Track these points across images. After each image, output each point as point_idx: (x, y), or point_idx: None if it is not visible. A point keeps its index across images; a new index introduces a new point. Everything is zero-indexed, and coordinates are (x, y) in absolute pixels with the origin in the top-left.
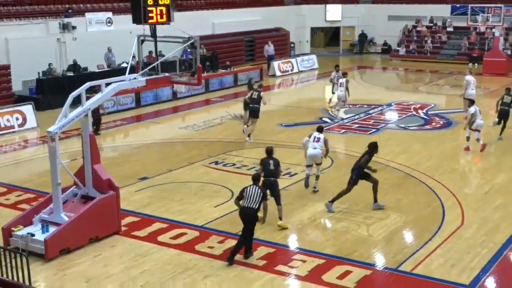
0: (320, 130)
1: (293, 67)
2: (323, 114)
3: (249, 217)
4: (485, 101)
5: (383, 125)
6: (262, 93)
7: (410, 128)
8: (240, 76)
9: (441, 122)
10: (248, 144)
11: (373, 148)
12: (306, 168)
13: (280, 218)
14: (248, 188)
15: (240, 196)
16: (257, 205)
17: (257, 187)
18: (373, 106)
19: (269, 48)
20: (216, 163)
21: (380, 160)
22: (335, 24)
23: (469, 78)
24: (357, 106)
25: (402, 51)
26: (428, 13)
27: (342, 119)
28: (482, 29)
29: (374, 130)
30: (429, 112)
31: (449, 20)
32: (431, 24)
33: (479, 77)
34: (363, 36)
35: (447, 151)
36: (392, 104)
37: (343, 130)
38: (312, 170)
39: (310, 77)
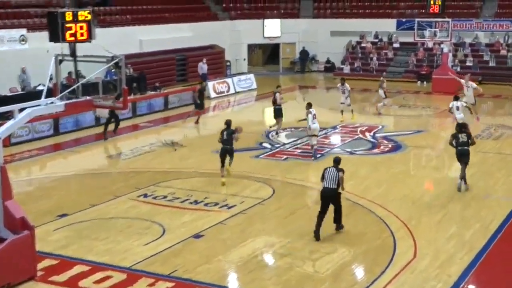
0: (310, 105)
1: (229, 87)
2: (263, 139)
3: (329, 197)
4: (435, 121)
5: (328, 149)
6: (277, 94)
7: (357, 152)
8: (171, 98)
9: (390, 146)
10: (182, 174)
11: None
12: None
13: (229, 165)
14: (328, 169)
15: (322, 177)
16: (336, 185)
17: (334, 169)
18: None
19: (204, 66)
20: (145, 195)
21: None
22: (274, 41)
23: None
24: (300, 129)
25: (346, 69)
26: (373, 28)
27: (284, 144)
28: (430, 44)
29: (318, 155)
30: (376, 135)
31: (395, 35)
32: (376, 40)
33: (428, 96)
34: (304, 53)
35: (397, 176)
36: (337, 126)
37: (285, 156)
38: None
39: (248, 98)
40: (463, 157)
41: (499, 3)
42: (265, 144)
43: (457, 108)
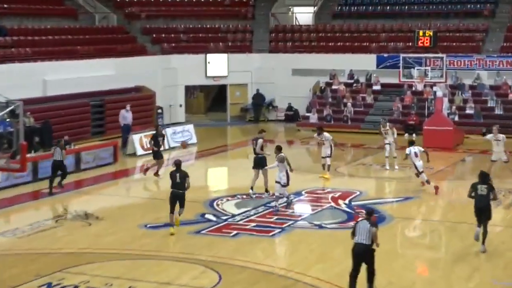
0: (280, 149)
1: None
2: (206, 208)
3: (362, 254)
4: (428, 184)
5: (290, 222)
6: (260, 140)
7: (328, 226)
8: (84, 156)
9: None
10: (107, 255)
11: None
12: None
13: (179, 214)
14: (359, 222)
15: (353, 232)
16: (369, 241)
17: (366, 222)
18: (275, 196)
19: (127, 115)
20: (50, 285)
21: (289, 274)
22: (219, 82)
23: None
24: (254, 196)
25: (313, 117)
26: (347, 66)
27: (233, 215)
28: (420, 87)
29: (278, 229)
30: (353, 203)
31: (375, 75)
32: (351, 81)
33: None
34: (259, 97)
35: (380, 258)
36: (303, 192)
37: (235, 232)
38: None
39: (185, 156)
40: (482, 213)
41: (505, 35)
42: (208, 216)
43: (415, 155)
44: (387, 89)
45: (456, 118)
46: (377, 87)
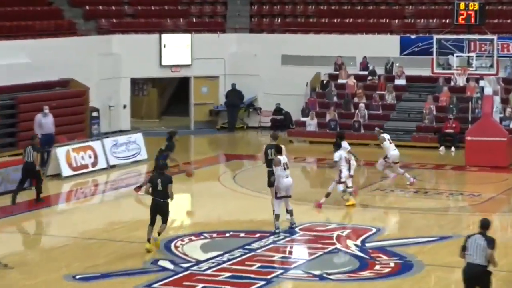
0: (278, 150)
1: (96, 158)
2: (161, 252)
3: (476, 277)
4: (474, 219)
5: (279, 271)
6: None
7: (332, 276)
8: None
9: (392, 264)
10: None
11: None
12: (275, 202)
13: (159, 233)
14: (472, 237)
15: (463, 247)
16: (485, 261)
17: (482, 237)
18: (258, 235)
19: (46, 121)
20: None
21: None
22: (179, 73)
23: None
24: (227, 235)
25: (311, 123)
26: (359, 51)
27: (198, 262)
28: (461, 81)
29: (262, 282)
30: (367, 245)
31: (398, 64)
32: (365, 73)
33: (459, 173)
34: (235, 95)
35: None
36: (296, 228)
37: (200, 285)
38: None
39: (131, 177)
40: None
41: None
42: (163, 263)
43: (390, 142)
44: (415, 84)
45: None
46: (401, 82)
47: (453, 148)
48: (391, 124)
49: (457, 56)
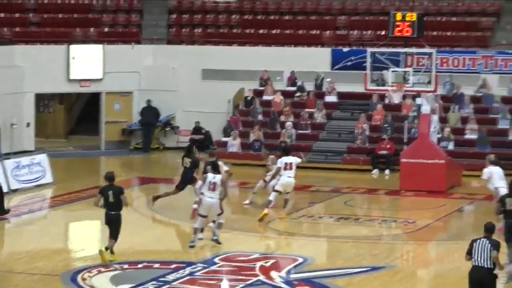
0: (215, 167)
1: None
2: (66, 285)
3: (482, 281)
4: (408, 248)
5: None
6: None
7: None
8: None
9: None
10: None
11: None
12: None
13: (111, 250)
14: (478, 241)
15: (469, 251)
16: (491, 264)
17: (487, 241)
18: (173, 266)
19: None
20: None
21: None
22: (89, 88)
23: None
24: (140, 265)
25: (233, 144)
26: (286, 65)
27: None
28: (396, 98)
29: None
30: (292, 276)
31: (328, 80)
32: (293, 89)
33: (393, 198)
34: (150, 113)
35: None
36: (215, 259)
37: None
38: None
39: (34, 203)
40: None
41: None
42: None
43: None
44: (346, 101)
45: (451, 147)
46: (331, 99)
47: (387, 171)
48: (320, 145)
49: (392, 71)
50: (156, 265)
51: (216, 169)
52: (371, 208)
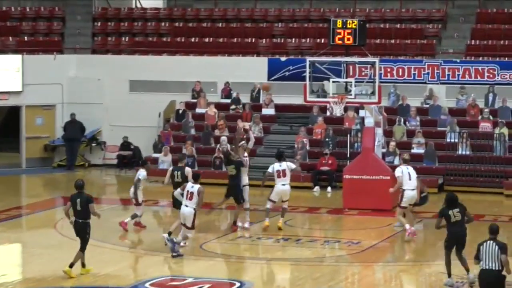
0: (196, 178)
1: None
2: None
3: (492, 283)
4: (352, 270)
5: None
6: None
7: None
8: None
9: None
10: None
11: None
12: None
13: (81, 263)
14: (484, 244)
15: (476, 255)
16: (499, 266)
17: (493, 243)
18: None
19: None
20: None
21: None
22: (7, 101)
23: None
24: None
25: (164, 160)
26: (220, 76)
27: None
28: (338, 110)
29: None
30: None
31: (265, 91)
32: (227, 101)
33: (324, 217)
34: (75, 128)
35: None
36: (146, 284)
37: None
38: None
39: None
40: (460, 243)
41: (473, 28)
42: None
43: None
44: (285, 114)
45: (397, 162)
46: (269, 111)
47: (329, 188)
48: (257, 161)
49: (333, 81)
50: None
51: (196, 180)
52: (312, 228)
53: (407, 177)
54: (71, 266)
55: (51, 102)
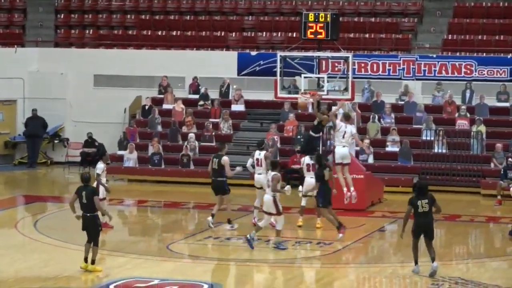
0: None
1: None
2: None
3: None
4: (331, 272)
5: None
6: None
7: None
8: None
9: None
10: None
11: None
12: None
13: (92, 260)
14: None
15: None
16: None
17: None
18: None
19: None
20: None
21: None
22: None
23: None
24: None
25: (130, 158)
26: (188, 70)
27: None
28: (310, 107)
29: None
30: None
31: (235, 87)
32: (195, 96)
33: (307, 216)
34: (36, 124)
35: None
36: (110, 286)
37: None
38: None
39: None
40: (426, 233)
41: (450, 22)
42: None
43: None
44: (255, 110)
45: (371, 160)
46: (239, 107)
47: (300, 187)
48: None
49: (305, 77)
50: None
51: (275, 167)
52: (283, 228)
53: (342, 134)
54: (85, 261)
55: (12, 97)
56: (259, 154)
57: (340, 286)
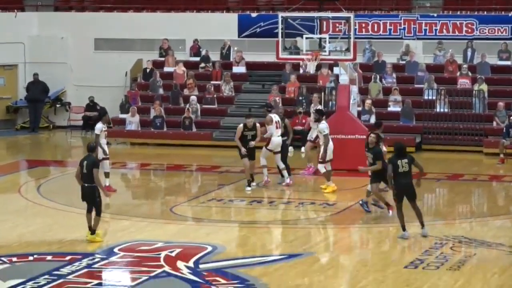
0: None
1: None
2: None
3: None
4: (329, 234)
5: None
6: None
7: None
8: None
9: None
10: None
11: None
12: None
13: (94, 231)
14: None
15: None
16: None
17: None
18: (68, 258)
19: None
20: None
21: None
22: None
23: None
24: (31, 258)
25: (132, 121)
26: (188, 33)
27: None
28: (311, 68)
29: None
30: (201, 266)
31: (236, 49)
32: (196, 59)
33: (310, 177)
34: (38, 88)
35: None
36: (115, 249)
37: None
38: None
39: None
40: (408, 194)
41: None
42: None
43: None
44: (257, 72)
45: (373, 120)
46: (240, 69)
47: (303, 149)
48: (228, 121)
49: (306, 38)
50: (49, 257)
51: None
52: (286, 190)
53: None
54: (90, 230)
55: (13, 62)
56: (275, 117)
57: (344, 246)
